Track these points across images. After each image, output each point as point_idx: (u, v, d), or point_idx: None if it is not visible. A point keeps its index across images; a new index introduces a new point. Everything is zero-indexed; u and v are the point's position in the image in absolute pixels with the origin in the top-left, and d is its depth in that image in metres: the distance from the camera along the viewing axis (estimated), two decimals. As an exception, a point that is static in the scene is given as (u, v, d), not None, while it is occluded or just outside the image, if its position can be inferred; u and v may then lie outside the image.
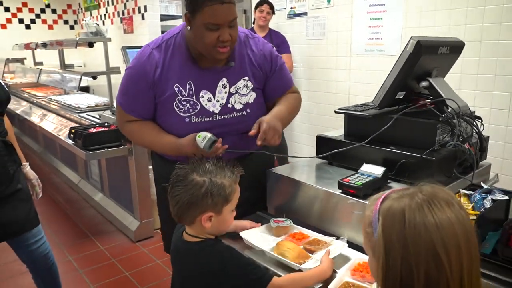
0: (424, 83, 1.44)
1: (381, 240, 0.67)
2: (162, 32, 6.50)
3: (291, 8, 3.88)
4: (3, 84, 1.78)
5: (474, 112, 1.56)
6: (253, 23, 3.79)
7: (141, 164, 2.74)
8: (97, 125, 2.85)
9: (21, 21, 8.28)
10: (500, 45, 2.58)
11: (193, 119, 1.42)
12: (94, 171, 3.49)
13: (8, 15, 8.14)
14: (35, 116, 4.32)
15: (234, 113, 1.46)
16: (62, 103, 4.22)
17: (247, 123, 1.45)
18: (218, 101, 1.44)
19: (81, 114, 3.64)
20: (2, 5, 8.05)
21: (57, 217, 3.31)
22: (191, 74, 1.41)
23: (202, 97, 1.42)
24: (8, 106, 1.86)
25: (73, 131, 2.73)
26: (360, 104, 1.61)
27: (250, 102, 1.49)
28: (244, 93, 1.47)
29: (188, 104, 1.41)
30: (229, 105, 1.45)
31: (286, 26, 3.96)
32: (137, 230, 2.82)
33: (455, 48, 1.51)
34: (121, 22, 6.96)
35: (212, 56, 1.37)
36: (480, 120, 1.51)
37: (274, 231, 1.34)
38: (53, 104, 4.42)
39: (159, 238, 2.89)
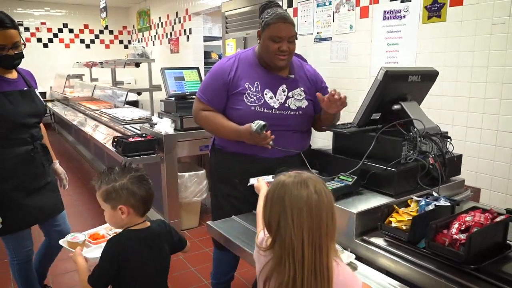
0: (396, 106, 1.67)
1: (265, 196, 1.04)
2: (205, 52, 7.00)
3: (318, 33, 4.17)
4: (41, 98, 2.24)
5: (446, 132, 1.76)
6: None
7: (171, 170, 3.12)
8: (136, 135, 3.27)
9: (82, 41, 9.18)
10: (506, 71, 2.71)
11: (258, 109, 1.82)
12: (134, 177, 3.93)
13: (72, 36, 9.07)
14: (88, 127, 4.87)
15: (289, 111, 1.87)
16: (111, 115, 4.74)
17: (298, 121, 1.90)
18: (277, 100, 1.87)
19: (125, 126, 4.12)
20: (67, 26, 9.00)
21: (101, 215, 3.73)
22: (259, 77, 1.87)
23: (266, 94, 1.84)
24: (66, 117, 2.34)
25: (115, 140, 3.17)
26: (347, 123, 1.87)
27: (303, 106, 1.91)
28: (298, 99, 1.91)
29: (254, 97, 1.83)
30: (286, 105, 1.87)
31: (313, 49, 4.24)
32: (165, 229, 3.18)
33: (427, 76, 1.74)
34: (169, 42, 7.57)
35: (274, 63, 1.83)
36: (449, 140, 1.71)
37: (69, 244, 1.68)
38: (104, 116, 4.97)
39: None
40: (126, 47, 9.50)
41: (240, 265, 2.22)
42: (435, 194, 1.45)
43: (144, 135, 3.27)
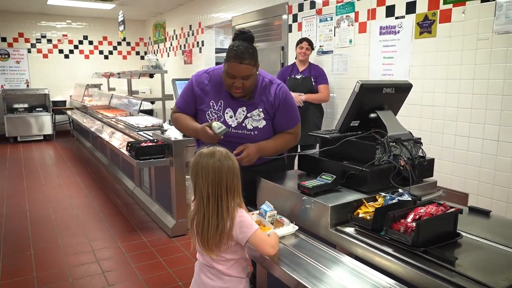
0: (372, 115, 1.89)
1: (191, 163, 1.50)
2: (217, 63, 7.42)
3: (320, 46, 4.41)
4: None
5: (419, 138, 1.96)
6: (295, 58, 4.30)
7: (179, 173, 3.38)
8: (148, 141, 3.55)
9: (101, 52, 9.61)
10: (490, 83, 2.91)
11: None
12: (146, 180, 4.21)
13: (91, 47, 9.51)
14: (105, 134, 5.18)
15: (245, 131, 2.02)
16: (126, 123, 5.05)
17: (252, 141, 2.01)
18: (236, 119, 2.02)
19: (139, 132, 4.41)
20: (87, 38, 9.44)
21: (115, 215, 4.03)
22: (224, 97, 2.03)
23: (227, 113, 2.03)
24: (85, 125, 2.59)
25: (129, 145, 3.45)
26: (332, 129, 2.09)
27: (259, 127, 2.03)
28: (256, 119, 2.02)
29: (216, 115, 2.02)
30: (243, 124, 2.01)
31: (316, 62, 4.48)
32: (174, 227, 3.44)
33: (401, 89, 1.95)
34: (183, 54, 7.91)
35: (231, 93, 1.98)
36: (420, 144, 1.92)
37: None
38: (120, 124, 5.27)
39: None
40: (142, 58, 9.89)
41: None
42: (400, 190, 1.66)
43: (155, 140, 3.54)
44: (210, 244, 1.47)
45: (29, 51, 8.81)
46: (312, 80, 4.09)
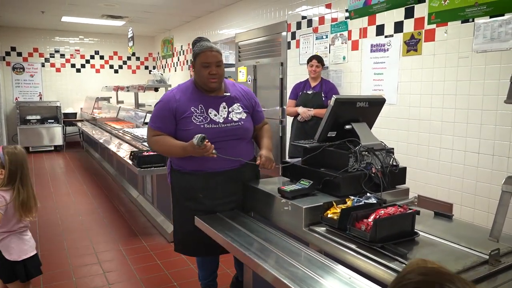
0: (347, 126, 2.08)
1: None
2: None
3: (316, 62, 4.61)
4: None
5: (392, 149, 2.13)
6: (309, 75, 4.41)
7: (178, 182, 3.58)
8: (149, 150, 3.76)
9: (111, 66, 9.96)
10: (470, 99, 3.07)
11: (206, 126, 2.12)
12: (148, 188, 4.41)
13: (102, 62, 9.86)
14: (112, 145, 5.40)
15: (233, 123, 2.20)
16: (132, 134, 5.28)
17: (241, 131, 2.22)
18: (221, 115, 2.18)
19: (143, 143, 4.63)
20: (98, 53, 9.80)
21: (118, 221, 4.23)
22: (201, 100, 2.18)
23: (210, 113, 2.18)
24: (93, 136, 2.80)
25: (132, 154, 3.66)
26: (311, 139, 2.27)
27: (243, 117, 2.25)
28: (238, 112, 2.24)
29: (201, 117, 2.14)
30: (229, 118, 2.20)
31: (313, 77, 4.68)
32: (172, 233, 3.62)
33: (375, 103, 2.14)
34: (189, 68, 8.19)
35: (208, 86, 2.14)
36: (392, 154, 2.09)
37: None
38: (126, 135, 5.51)
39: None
40: (151, 72, 10.22)
41: (230, 264, 2.62)
42: (369, 194, 1.83)
43: (157, 150, 3.75)
44: (31, 210, 2.19)
45: (43, 65, 9.19)
46: (323, 95, 4.19)
